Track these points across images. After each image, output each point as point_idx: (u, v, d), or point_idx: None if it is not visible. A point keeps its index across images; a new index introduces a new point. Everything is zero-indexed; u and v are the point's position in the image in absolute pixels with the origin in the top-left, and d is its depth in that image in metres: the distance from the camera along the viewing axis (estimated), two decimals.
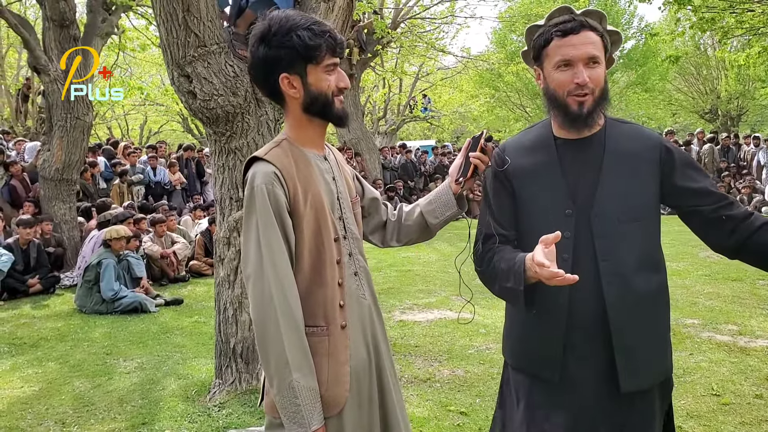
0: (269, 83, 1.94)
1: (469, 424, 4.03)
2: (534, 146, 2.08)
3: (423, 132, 37.64)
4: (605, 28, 1.98)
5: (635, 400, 1.94)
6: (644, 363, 1.93)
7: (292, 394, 1.78)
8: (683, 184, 1.95)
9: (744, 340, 5.51)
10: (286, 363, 1.78)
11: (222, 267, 4.54)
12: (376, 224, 2.30)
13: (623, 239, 1.91)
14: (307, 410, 1.79)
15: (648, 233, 1.95)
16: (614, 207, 1.92)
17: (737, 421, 3.95)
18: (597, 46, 1.93)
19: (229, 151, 4.40)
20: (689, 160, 2.01)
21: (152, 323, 7.04)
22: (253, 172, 1.90)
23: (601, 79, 1.95)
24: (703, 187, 1.95)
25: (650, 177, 1.94)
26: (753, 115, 33.21)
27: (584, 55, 1.90)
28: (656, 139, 1.99)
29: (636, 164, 1.95)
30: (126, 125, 34.17)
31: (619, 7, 30.18)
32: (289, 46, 1.87)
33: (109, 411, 4.50)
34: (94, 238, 8.71)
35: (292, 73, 1.90)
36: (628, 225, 1.91)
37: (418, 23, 20.42)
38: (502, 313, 2.24)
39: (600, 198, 1.93)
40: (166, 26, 4.16)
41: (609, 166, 1.95)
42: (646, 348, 1.93)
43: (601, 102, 1.96)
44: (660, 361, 1.98)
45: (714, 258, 9.35)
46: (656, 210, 1.97)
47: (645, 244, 1.94)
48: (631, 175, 1.94)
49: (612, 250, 1.91)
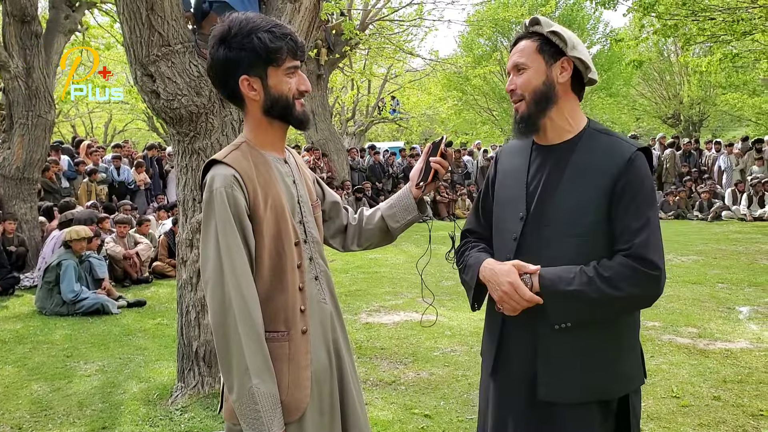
0: (229, 85, 1.92)
1: (432, 427, 4.03)
2: (518, 151, 2.15)
3: (391, 133, 37.73)
4: (553, 31, 1.97)
5: (563, 414, 1.93)
6: (568, 376, 1.92)
7: (252, 401, 1.76)
8: (615, 214, 1.89)
9: (703, 343, 5.61)
10: (246, 369, 1.76)
11: (185, 269, 4.48)
12: (336, 228, 2.29)
13: (567, 252, 1.92)
14: (267, 416, 1.77)
15: (593, 250, 1.90)
16: (564, 219, 1.93)
17: (696, 422, 4.02)
18: (523, 52, 1.98)
19: (193, 152, 4.35)
20: (637, 191, 1.89)
21: (114, 325, 6.92)
22: (212, 175, 1.87)
23: (528, 83, 1.97)
24: (624, 227, 1.88)
25: (604, 194, 1.89)
26: (714, 120, 33.97)
27: (511, 64, 2.02)
28: (625, 154, 1.91)
29: (595, 179, 1.91)
30: (90, 123, 33.67)
31: (585, 13, 30.64)
32: (250, 48, 1.85)
33: (68, 415, 4.41)
34: (55, 238, 8.55)
35: (252, 75, 1.89)
36: (575, 239, 1.91)
37: (387, 25, 20.48)
38: (466, 316, 2.28)
39: (553, 207, 1.95)
40: (129, 24, 4.10)
41: (569, 176, 1.95)
42: (573, 362, 1.92)
43: (540, 106, 1.97)
44: (593, 377, 1.92)
45: (675, 261, 9.53)
46: (606, 227, 1.90)
47: (586, 259, 1.89)
48: (588, 189, 1.91)
49: (555, 260, 1.92)
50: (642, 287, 1.86)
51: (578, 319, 1.89)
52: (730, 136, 29.93)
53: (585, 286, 1.84)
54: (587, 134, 2.00)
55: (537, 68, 1.97)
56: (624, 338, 1.99)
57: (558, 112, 2.00)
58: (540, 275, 1.90)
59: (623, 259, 1.85)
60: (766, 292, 7.49)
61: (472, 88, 29.29)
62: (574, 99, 2.03)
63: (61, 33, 10.03)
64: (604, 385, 1.94)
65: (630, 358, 2.00)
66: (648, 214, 1.87)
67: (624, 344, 1.99)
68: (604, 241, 1.91)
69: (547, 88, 1.96)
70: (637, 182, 1.88)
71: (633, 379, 2.00)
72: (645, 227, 1.86)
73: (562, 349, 1.93)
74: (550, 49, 1.97)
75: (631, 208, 1.87)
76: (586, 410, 1.93)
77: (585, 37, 31.31)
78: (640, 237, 1.85)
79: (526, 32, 2.02)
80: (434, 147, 2.22)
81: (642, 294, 1.88)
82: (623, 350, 1.98)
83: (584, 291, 1.84)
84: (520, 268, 1.94)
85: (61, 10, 10.04)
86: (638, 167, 1.90)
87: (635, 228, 1.86)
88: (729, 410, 4.17)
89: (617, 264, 1.85)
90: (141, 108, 26.33)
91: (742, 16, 12.21)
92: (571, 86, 2.01)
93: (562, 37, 1.95)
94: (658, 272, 1.85)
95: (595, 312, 1.88)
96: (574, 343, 1.92)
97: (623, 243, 1.87)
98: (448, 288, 7.96)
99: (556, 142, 2.02)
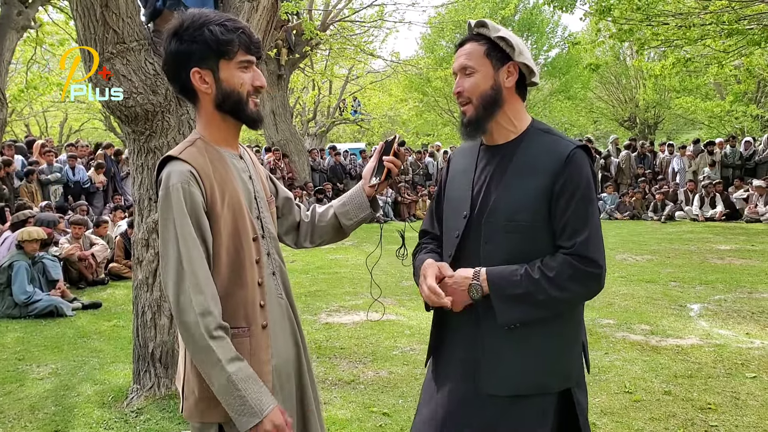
0: (181, 78, 1.91)
1: (391, 425, 4.06)
2: (468, 151, 2.19)
3: (353, 134, 37.72)
4: (501, 37, 1.99)
5: (505, 405, 1.97)
6: (509, 371, 1.97)
7: (234, 387, 1.76)
8: (555, 211, 1.94)
9: (655, 339, 5.74)
10: (218, 361, 1.76)
11: (140, 269, 4.43)
12: (289, 225, 2.29)
13: (505, 249, 1.97)
14: (254, 397, 1.77)
15: (531, 247, 1.95)
16: (502, 216, 1.97)
17: (647, 416, 4.11)
18: (471, 56, 2.01)
19: (149, 151, 4.29)
20: (576, 188, 1.92)
21: (68, 327, 6.79)
22: (168, 172, 1.86)
23: (476, 87, 2.00)
24: (565, 224, 1.92)
25: (543, 192, 1.93)
26: (669, 123, 34.75)
27: (457, 67, 2.04)
28: (563, 152, 1.94)
29: (536, 177, 1.95)
30: (45, 122, 32.92)
31: (544, 17, 31.06)
32: (201, 41, 1.85)
33: (19, 419, 4.32)
34: (8, 239, 8.35)
35: (203, 67, 1.88)
36: (512, 235, 1.96)
37: (348, 26, 20.47)
38: (425, 315, 2.32)
39: (493, 205, 1.99)
40: (83, 21, 4.03)
41: (511, 175, 1.99)
42: (513, 357, 1.97)
43: (487, 110, 2.01)
44: (534, 374, 1.97)
45: (630, 261, 9.73)
46: (544, 225, 1.95)
47: (526, 258, 1.94)
48: (527, 187, 1.95)
49: (494, 257, 1.97)
50: (585, 285, 1.93)
51: (525, 319, 1.94)
52: (684, 138, 30.69)
53: (532, 288, 1.90)
54: (530, 134, 2.05)
55: (485, 72, 2.00)
56: (564, 335, 2.04)
57: (503, 114, 2.04)
58: (488, 277, 1.94)
59: (565, 258, 1.91)
60: (716, 290, 7.70)
61: (433, 90, 29.44)
62: (518, 100, 2.07)
63: (13, 29, 9.80)
64: (543, 380, 1.99)
65: (572, 354, 2.05)
66: (588, 211, 1.92)
67: (564, 340, 2.04)
68: (542, 236, 1.96)
69: (495, 92, 2.00)
70: (575, 179, 1.93)
71: (573, 374, 2.05)
72: (586, 226, 1.91)
73: (503, 346, 1.98)
74: (498, 54, 2.00)
75: (571, 206, 1.91)
76: (528, 402, 1.97)
77: (544, 41, 31.76)
78: (582, 236, 1.90)
79: (472, 34, 2.05)
80: (387, 145, 2.23)
81: (585, 291, 1.95)
82: (563, 346, 2.03)
83: (531, 293, 1.90)
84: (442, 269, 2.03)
85: (13, 6, 9.81)
86: (577, 165, 1.94)
87: (576, 226, 1.91)
88: (679, 404, 4.28)
89: (560, 264, 1.90)
90: (97, 107, 25.84)
91: (694, 22, 12.51)
92: (515, 88, 2.05)
93: (509, 42, 1.98)
94: (600, 270, 1.91)
95: (540, 312, 1.94)
96: (514, 339, 1.97)
97: (565, 240, 1.92)
98: (408, 288, 8.00)
99: (501, 142, 2.07)
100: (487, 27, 2.01)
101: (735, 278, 8.37)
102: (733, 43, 14.02)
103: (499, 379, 1.97)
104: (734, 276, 8.53)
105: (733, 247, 11.10)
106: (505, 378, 1.97)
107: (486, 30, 2.01)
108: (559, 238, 1.94)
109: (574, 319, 2.06)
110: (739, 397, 4.37)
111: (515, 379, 1.97)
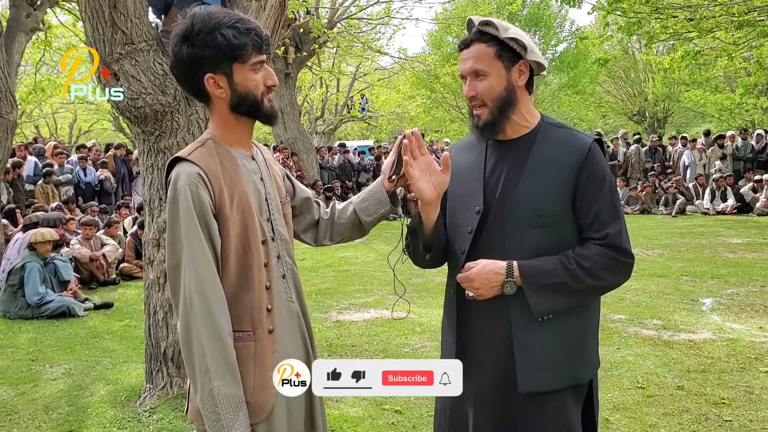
0: (194, 83, 1.87)
1: (403, 422, 4.06)
2: (471, 146, 2.17)
3: (361, 132, 37.68)
4: (510, 37, 1.95)
5: (540, 399, 1.96)
6: (547, 365, 1.96)
7: (213, 402, 1.74)
8: (581, 203, 1.95)
9: (668, 334, 5.72)
10: (207, 371, 1.74)
11: (151, 269, 4.44)
12: (308, 223, 2.25)
13: (532, 243, 1.96)
14: (228, 418, 1.75)
15: (558, 240, 1.96)
16: (528, 210, 1.95)
17: (661, 412, 4.10)
18: (481, 58, 1.96)
19: (158, 151, 4.31)
20: (602, 181, 1.96)
21: (81, 328, 6.83)
22: (176, 173, 1.84)
23: (492, 90, 1.97)
24: (594, 216, 1.95)
25: (567, 185, 1.94)
26: (678, 117, 34.54)
27: (468, 70, 1.99)
28: (583, 146, 1.96)
29: (557, 171, 1.95)
30: (54, 124, 33.07)
31: (552, 11, 30.92)
32: (214, 46, 1.80)
33: (33, 419, 4.35)
34: (20, 240, 8.39)
35: (217, 72, 1.84)
36: (539, 230, 1.95)
37: (355, 24, 20.45)
38: (436, 312, 2.29)
39: (516, 199, 1.97)
40: (91, 23, 4.04)
41: (530, 169, 1.98)
42: (550, 351, 1.96)
43: (503, 112, 1.99)
44: (569, 364, 1.98)
45: (641, 256, 9.68)
46: (569, 218, 1.97)
47: (553, 250, 1.95)
48: (550, 181, 1.95)
49: (520, 251, 1.96)
50: (619, 274, 1.99)
51: (559, 309, 1.95)
52: (694, 132, 30.44)
53: (567, 278, 1.91)
54: (543, 128, 2.04)
55: (498, 74, 1.97)
56: (591, 324, 2.07)
57: (517, 111, 2.03)
58: (521, 271, 1.93)
59: (600, 248, 1.93)
60: (728, 284, 7.66)
61: (441, 86, 29.31)
62: (528, 95, 2.06)
63: (22, 32, 9.84)
64: (578, 370, 2.01)
65: (594, 343, 2.08)
66: (615, 203, 1.98)
67: (590, 330, 2.06)
68: (567, 229, 1.97)
69: (509, 93, 1.99)
70: (600, 172, 1.96)
71: (596, 363, 2.09)
72: (617, 217, 1.96)
73: (538, 339, 1.96)
74: (508, 54, 1.96)
75: (599, 198, 1.94)
76: (564, 395, 1.98)
77: (552, 36, 31.61)
78: (613, 227, 1.94)
79: (477, 34, 1.99)
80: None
81: (618, 280, 2.01)
82: (590, 336, 2.06)
83: (567, 283, 1.91)
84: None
85: (22, 8, 9.85)
86: (598, 158, 1.97)
87: (606, 218, 1.94)
88: (692, 399, 4.26)
89: (595, 254, 1.93)
90: (107, 108, 25.93)
91: (704, 14, 12.41)
92: (525, 84, 2.04)
93: (520, 42, 1.95)
94: (632, 260, 1.98)
95: (574, 301, 1.96)
96: (549, 332, 1.96)
97: (594, 232, 1.94)
98: (418, 285, 7.99)
99: (515, 137, 2.05)
100: (493, 26, 1.96)
101: (747, 272, 8.32)
102: (743, 35, 13.88)
103: (539, 376, 1.96)
104: (746, 270, 8.48)
105: (744, 241, 11.03)
106: (545, 373, 1.96)
107: (493, 29, 1.96)
108: (588, 230, 1.96)
109: (597, 309, 2.09)
110: (753, 392, 4.35)
111: (553, 373, 1.96)
